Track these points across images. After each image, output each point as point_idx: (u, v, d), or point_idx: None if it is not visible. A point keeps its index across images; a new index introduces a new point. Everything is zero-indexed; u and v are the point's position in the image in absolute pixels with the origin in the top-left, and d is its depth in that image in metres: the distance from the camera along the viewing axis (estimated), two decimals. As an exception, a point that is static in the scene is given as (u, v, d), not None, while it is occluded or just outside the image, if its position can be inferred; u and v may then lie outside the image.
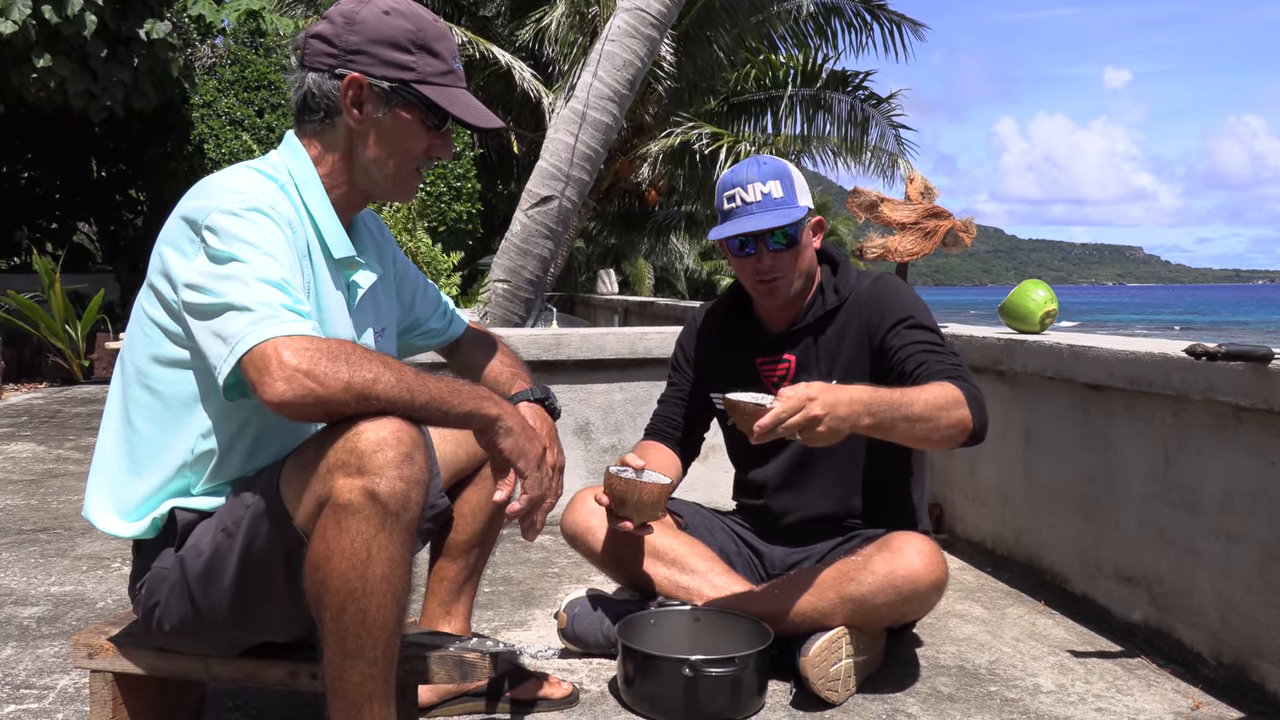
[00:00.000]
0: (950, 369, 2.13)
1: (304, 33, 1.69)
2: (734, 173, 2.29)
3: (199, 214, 1.53)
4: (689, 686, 1.97)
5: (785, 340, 2.36)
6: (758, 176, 2.25)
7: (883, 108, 13.03)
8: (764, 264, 2.26)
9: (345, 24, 1.64)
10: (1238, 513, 2.22)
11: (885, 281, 2.34)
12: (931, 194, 3.73)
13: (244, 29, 11.31)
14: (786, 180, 2.26)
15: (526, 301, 5.05)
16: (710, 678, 1.97)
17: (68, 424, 6.05)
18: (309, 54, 1.65)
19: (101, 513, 1.66)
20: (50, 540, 3.36)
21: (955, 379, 2.09)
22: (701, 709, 1.98)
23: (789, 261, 2.27)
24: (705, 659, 1.97)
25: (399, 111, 1.65)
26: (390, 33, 1.63)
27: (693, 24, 11.06)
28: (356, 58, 1.63)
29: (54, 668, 2.24)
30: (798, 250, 2.27)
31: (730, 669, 1.98)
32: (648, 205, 14.75)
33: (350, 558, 1.40)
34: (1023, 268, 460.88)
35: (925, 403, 1.98)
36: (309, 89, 1.65)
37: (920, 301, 2.29)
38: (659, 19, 5.05)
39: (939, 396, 2.00)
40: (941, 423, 1.99)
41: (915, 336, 2.21)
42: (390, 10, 1.64)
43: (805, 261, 2.30)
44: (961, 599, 2.84)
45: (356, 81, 1.63)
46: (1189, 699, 2.17)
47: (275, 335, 1.41)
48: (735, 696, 2.00)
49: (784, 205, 2.24)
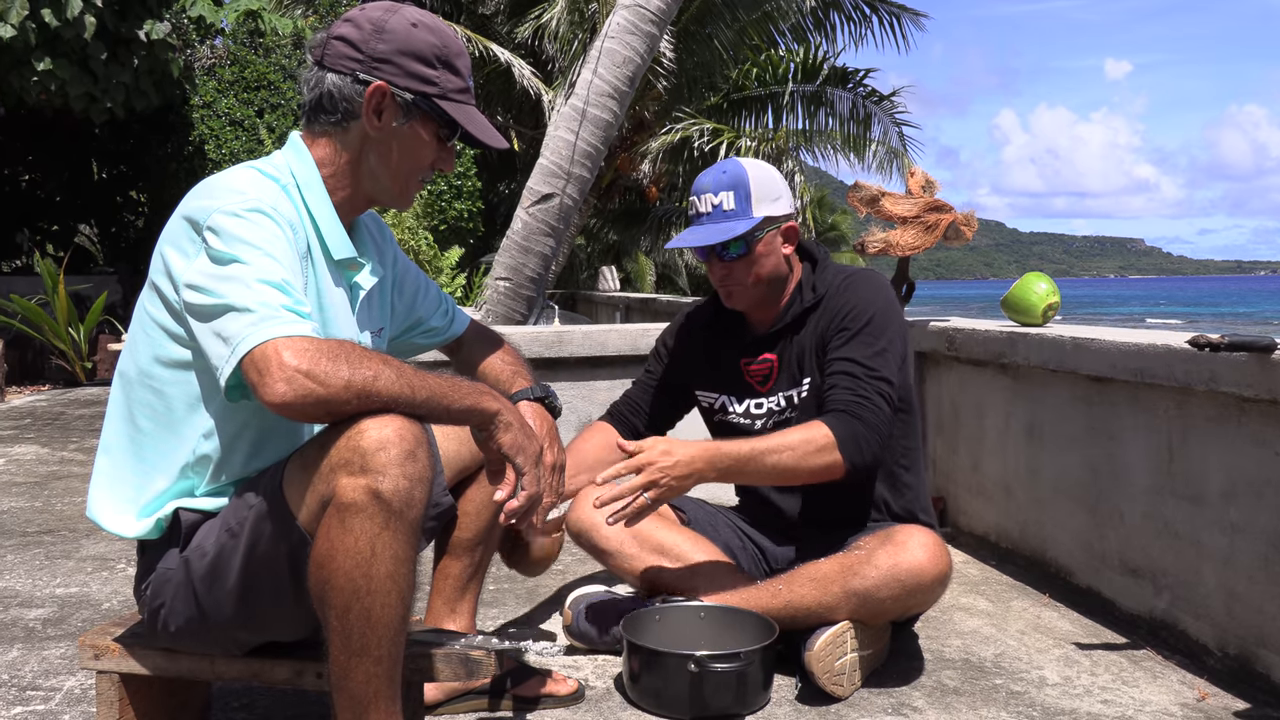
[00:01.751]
0: (848, 401, 2.15)
1: (325, 33, 1.69)
2: (700, 177, 2.31)
3: (201, 214, 1.54)
4: (694, 682, 1.97)
5: (766, 340, 2.37)
6: (712, 187, 2.26)
7: (885, 105, 13.01)
8: (715, 274, 2.31)
9: (374, 31, 1.64)
10: (1242, 504, 2.22)
11: (853, 280, 2.32)
12: (932, 188, 3.72)
13: (243, 29, 11.31)
14: (741, 190, 2.24)
15: (528, 299, 5.05)
16: (715, 673, 1.97)
17: (71, 426, 6.05)
18: (330, 55, 1.65)
19: (106, 513, 1.66)
20: (55, 542, 3.37)
21: (844, 414, 2.13)
22: (707, 704, 1.98)
23: (743, 270, 2.28)
24: (710, 654, 1.97)
25: (416, 124, 1.67)
26: (418, 46, 1.64)
27: (692, 20, 11.05)
28: (383, 66, 1.63)
29: (60, 669, 2.25)
30: (752, 259, 2.27)
31: (736, 664, 1.98)
32: (648, 202, 14.74)
33: (354, 556, 1.40)
34: (1024, 261, 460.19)
35: (783, 453, 2.09)
36: (328, 90, 1.65)
37: (876, 303, 2.26)
38: (659, 15, 5.04)
39: (801, 443, 2.09)
40: (802, 469, 2.10)
41: (843, 353, 2.21)
42: (418, 23, 1.66)
43: (766, 269, 2.29)
44: (966, 592, 2.84)
45: (381, 90, 1.63)
46: (1195, 690, 2.17)
47: (276, 336, 1.41)
48: (741, 691, 2.00)
49: (733, 218, 2.24)
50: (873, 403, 2.15)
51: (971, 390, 3.35)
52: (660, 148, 11.44)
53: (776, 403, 2.35)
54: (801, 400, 2.32)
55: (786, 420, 2.33)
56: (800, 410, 2.31)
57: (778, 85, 12.87)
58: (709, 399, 2.45)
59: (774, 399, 2.36)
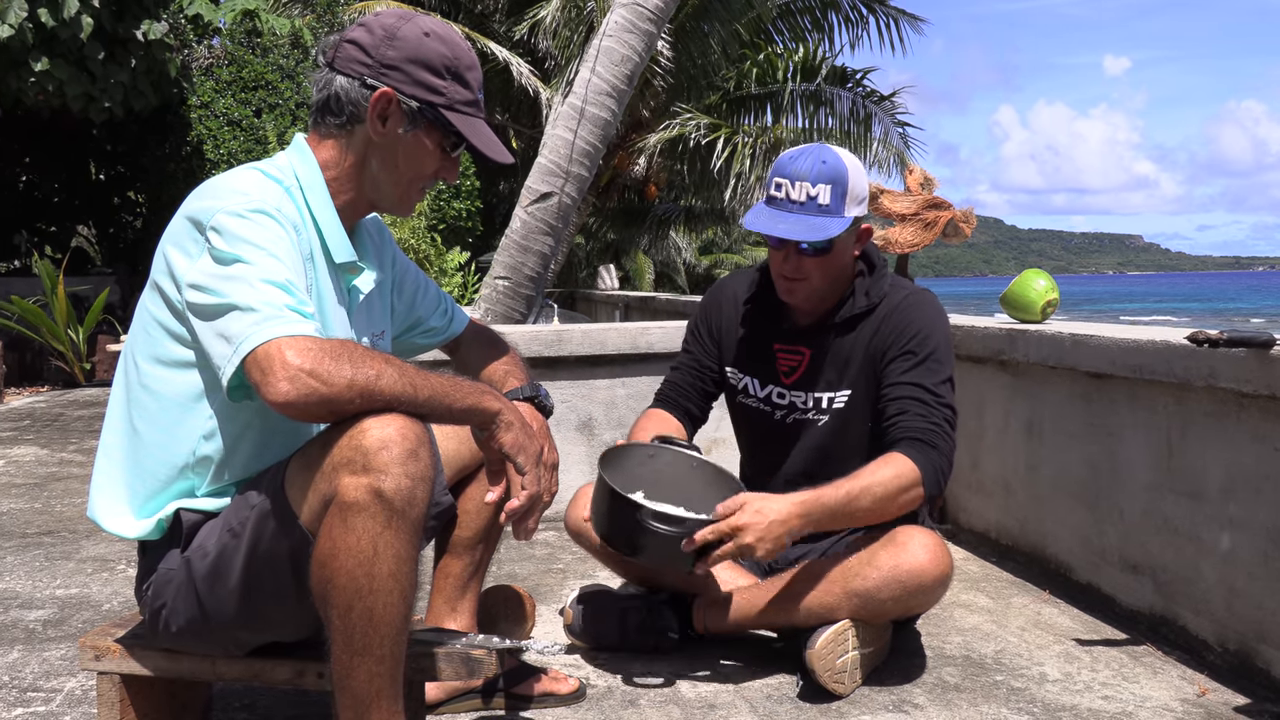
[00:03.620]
0: (924, 430, 2.12)
1: (338, 35, 1.69)
2: (792, 159, 2.18)
3: (204, 214, 1.54)
4: (636, 530, 1.99)
5: (805, 332, 2.32)
6: (810, 176, 2.14)
7: (885, 105, 13.00)
8: (788, 267, 2.21)
9: (385, 37, 1.64)
10: (1241, 499, 2.22)
11: (914, 300, 2.26)
12: (931, 185, 3.72)
13: (240, 29, 11.30)
14: (839, 187, 2.14)
15: (527, 298, 5.05)
16: (656, 532, 1.98)
17: (70, 427, 6.05)
18: (341, 58, 1.65)
19: (106, 513, 1.66)
20: (55, 543, 3.37)
21: (922, 443, 2.10)
22: (647, 555, 2.01)
23: (816, 267, 2.20)
24: (656, 512, 1.99)
25: (420, 132, 1.67)
26: (428, 55, 1.64)
27: (689, 18, 11.04)
28: (391, 73, 1.63)
29: (61, 670, 2.25)
30: (829, 258, 2.20)
31: (677, 530, 1.98)
32: (647, 200, 14.73)
33: (357, 555, 1.40)
34: (1023, 258, 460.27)
35: (872, 497, 2.05)
36: (335, 92, 1.65)
37: (941, 330, 2.22)
38: (656, 13, 5.04)
39: (891, 481, 2.06)
40: (891, 508, 2.08)
41: (910, 378, 2.18)
42: (430, 33, 1.66)
43: (837, 268, 2.23)
44: (966, 589, 2.85)
45: (387, 96, 1.63)
46: (1195, 686, 2.18)
47: (279, 335, 1.41)
48: (678, 555, 2.00)
49: (827, 214, 2.14)
50: (944, 432, 2.13)
51: (971, 387, 3.35)
52: (658, 143, 11.43)
53: (804, 401, 2.31)
54: (836, 410, 2.27)
55: (813, 422, 2.30)
56: (834, 419, 2.27)
57: (776, 84, 12.86)
58: (736, 377, 2.41)
59: (800, 395, 2.31)
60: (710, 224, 17.01)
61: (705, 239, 24.00)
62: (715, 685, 2.17)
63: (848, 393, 2.27)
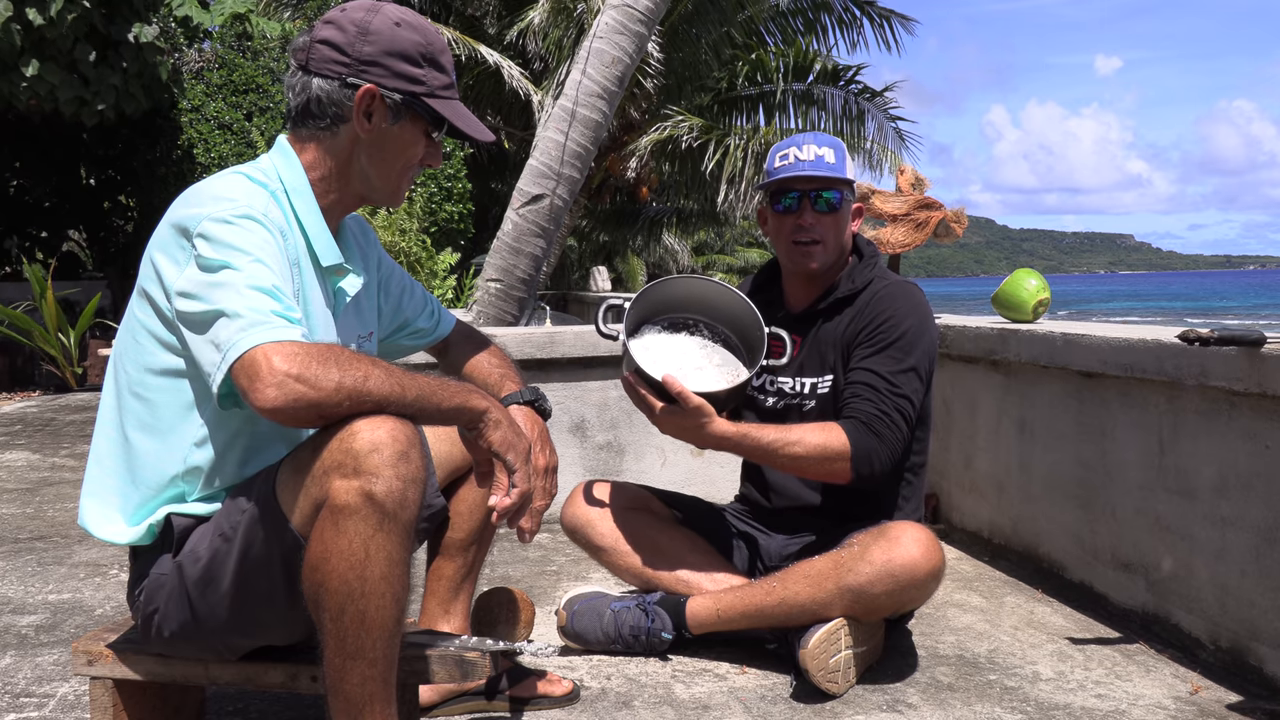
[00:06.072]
0: (869, 415, 2.17)
1: (307, 37, 1.67)
2: (789, 139, 2.36)
3: (190, 221, 1.53)
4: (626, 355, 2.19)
5: (799, 320, 2.38)
6: (814, 141, 2.33)
7: (878, 101, 13.03)
8: (805, 220, 2.30)
9: (359, 34, 1.63)
10: (1233, 497, 2.23)
11: (892, 290, 2.31)
12: (922, 185, 3.73)
13: (231, 33, 11.28)
14: (840, 151, 2.34)
15: (520, 300, 5.05)
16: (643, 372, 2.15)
17: (62, 432, 6.03)
18: (316, 60, 1.64)
19: (97, 520, 1.66)
20: (47, 548, 3.36)
21: (863, 425, 2.16)
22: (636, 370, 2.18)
23: (829, 226, 2.32)
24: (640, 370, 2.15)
25: (406, 123, 1.67)
26: (404, 46, 1.64)
27: (680, 20, 11.06)
28: (370, 69, 1.63)
29: (53, 675, 2.24)
30: (838, 219, 2.32)
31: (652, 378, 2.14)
32: (639, 202, 14.74)
33: (348, 558, 1.40)
34: (1015, 257, 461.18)
35: (792, 453, 2.17)
36: (315, 95, 1.64)
37: (912, 320, 2.25)
38: (647, 15, 5.04)
39: (809, 448, 2.16)
40: (806, 472, 2.22)
41: (869, 364, 2.23)
42: (401, 22, 1.65)
43: (844, 235, 2.36)
44: (959, 588, 2.85)
45: (370, 93, 1.63)
46: (1188, 683, 2.18)
47: (265, 341, 1.40)
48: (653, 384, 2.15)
49: (835, 170, 2.31)
50: (892, 420, 2.17)
51: (963, 387, 3.36)
52: (649, 144, 11.44)
53: (792, 387, 2.36)
54: (821, 396, 2.33)
55: (801, 407, 2.34)
56: (820, 404, 2.33)
57: (769, 84, 12.88)
58: None
59: (788, 381, 2.37)
60: (703, 225, 17.03)
61: (698, 240, 24.03)
62: (709, 686, 2.17)
63: (830, 379, 2.32)
